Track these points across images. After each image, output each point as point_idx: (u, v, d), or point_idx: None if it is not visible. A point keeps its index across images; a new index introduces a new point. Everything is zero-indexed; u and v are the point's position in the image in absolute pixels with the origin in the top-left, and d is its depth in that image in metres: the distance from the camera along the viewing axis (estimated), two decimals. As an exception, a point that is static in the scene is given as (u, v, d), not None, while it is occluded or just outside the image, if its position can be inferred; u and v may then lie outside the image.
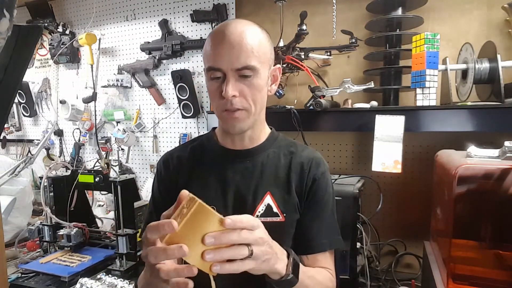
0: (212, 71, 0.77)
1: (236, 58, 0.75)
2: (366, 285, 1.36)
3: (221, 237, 0.57)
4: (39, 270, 1.52)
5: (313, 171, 0.87)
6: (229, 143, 0.90)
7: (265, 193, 0.84)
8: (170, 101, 2.07)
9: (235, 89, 0.76)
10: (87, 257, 1.60)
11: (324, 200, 0.88)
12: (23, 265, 1.57)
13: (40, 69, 2.46)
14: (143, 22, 2.07)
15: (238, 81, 0.77)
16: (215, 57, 0.76)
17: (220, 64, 0.76)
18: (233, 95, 0.76)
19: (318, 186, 0.87)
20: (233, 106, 0.77)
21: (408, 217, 1.58)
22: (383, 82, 1.50)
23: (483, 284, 0.90)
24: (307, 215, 0.87)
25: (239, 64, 0.75)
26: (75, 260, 1.56)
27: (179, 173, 0.90)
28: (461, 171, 0.87)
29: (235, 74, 0.76)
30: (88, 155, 2.36)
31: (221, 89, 0.77)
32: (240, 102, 0.78)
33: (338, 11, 1.54)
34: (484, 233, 0.95)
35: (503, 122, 1.15)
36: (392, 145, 1.25)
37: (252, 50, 0.76)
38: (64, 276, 1.43)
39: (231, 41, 0.75)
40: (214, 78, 0.78)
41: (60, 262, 1.56)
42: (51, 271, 1.49)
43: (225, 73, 0.76)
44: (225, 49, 0.75)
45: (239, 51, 0.75)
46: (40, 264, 1.55)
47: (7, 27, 0.70)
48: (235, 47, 0.75)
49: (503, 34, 1.40)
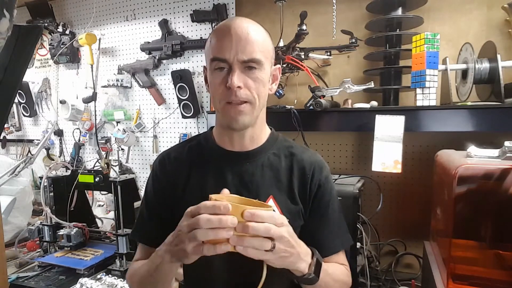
0: (217, 61, 0.76)
1: (242, 50, 0.74)
2: (366, 285, 1.36)
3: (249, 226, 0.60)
4: (55, 263, 1.59)
5: (317, 177, 0.86)
6: (227, 144, 0.87)
7: (268, 197, 0.83)
8: (170, 101, 2.07)
9: (240, 80, 0.75)
10: (100, 251, 1.67)
11: (331, 202, 0.87)
12: (40, 259, 1.64)
13: (40, 69, 2.46)
14: (143, 22, 2.07)
15: (243, 73, 0.76)
16: (221, 48, 0.75)
17: (226, 55, 0.75)
18: (238, 85, 0.75)
19: (324, 191, 0.86)
20: (238, 97, 0.76)
21: (408, 217, 1.58)
22: (383, 82, 1.50)
23: (483, 284, 0.90)
24: (315, 219, 0.86)
25: (245, 56, 0.74)
26: (88, 254, 1.64)
27: (176, 175, 0.88)
28: (461, 171, 0.87)
29: (240, 66, 0.75)
30: (88, 155, 2.36)
31: (226, 80, 0.75)
32: (245, 93, 0.76)
33: (338, 11, 1.54)
34: (484, 233, 0.95)
35: (503, 122, 1.14)
36: (392, 145, 1.25)
37: (258, 44, 0.76)
38: (79, 268, 1.52)
39: (238, 33, 0.75)
40: (217, 69, 0.77)
41: (75, 256, 1.64)
42: (67, 264, 1.57)
43: (230, 64, 0.75)
44: (232, 41, 0.74)
45: (246, 43, 0.75)
46: (55, 258, 1.62)
47: (7, 27, 0.70)
48: (242, 39, 0.75)
49: (503, 34, 1.40)
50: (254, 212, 0.61)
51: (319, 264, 0.73)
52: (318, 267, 0.72)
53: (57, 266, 1.59)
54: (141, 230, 0.91)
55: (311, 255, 0.72)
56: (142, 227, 0.91)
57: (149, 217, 0.90)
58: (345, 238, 0.89)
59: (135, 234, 0.94)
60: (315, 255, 0.73)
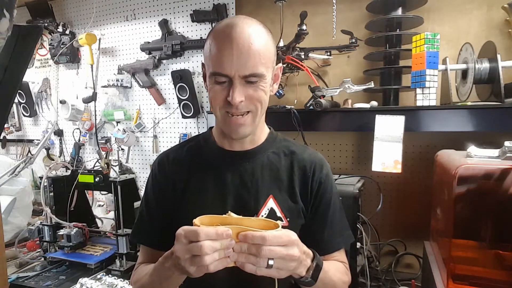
0: (217, 76, 0.75)
1: (243, 65, 0.72)
2: (366, 285, 1.36)
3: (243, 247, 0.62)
4: (66, 258, 1.62)
5: (318, 174, 0.86)
6: (227, 144, 0.87)
7: (267, 197, 0.82)
8: (170, 101, 2.07)
9: (242, 95, 0.74)
10: (109, 246, 1.70)
11: (332, 200, 0.87)
12: (51, 254, 1.68)
13: (40, 69, 2.46)
14: (143, 22, 2.07)
15: (244, 87, 0.75)
16: (221, 62, 0.73)
17: (227, 70, 0.73)
18: (240, 100, 0.74)
19: (325, 188, 0.86)
20: (239, 110, 0.76)
21: (408, 217, 1.58)
22: (383, 82, 1.50)
23: (483, 284, 0.90)
24: (317, 218, 0.86)
25: (247, 71, 0.73)
26: (98, 250, 1.67)
27: (175, 176, 0.87)
28: (461, 171, 0.87)
29: (241, 80, 0.74)
30: (88, 155, 2.36)
31: (226, 93, 0.75)
32: (246, 106, 0.76)
33: (338, 11, 1.54)
34: (484, 233, 0.96)
35: (503, 122, 1.14)
36: (392, 145, 1.25)
37: (260, 57, 0.73)
38: (90, 263, 1.55)
39: (239, 47, 0.72)
40: (218, 83, 0.76)
41: (85, 251, 1.67)
42: (78, 259, 1.60)
43: (231, 79, 0.74)
44: (233, 55, 0.72)
45: (247, 58, 0.72)
46: (66, 254, 1.65)
47: (7, 27, 0.70)
48: (243, 53, 0.72)
49: (503, 34, 1.40)
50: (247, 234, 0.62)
51: (318, 268, 0.72)
52: (317, 271, 0.71)
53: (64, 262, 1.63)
54: (142, 232, 0.90)
55: (311, 258, 0.71)
56: (142, 228, 0.90)
57: (149, 218, 0.89)
58: (346, 236, 0.89)
59: (135, 237, 0.93)
60: (315, 259, 0.71)
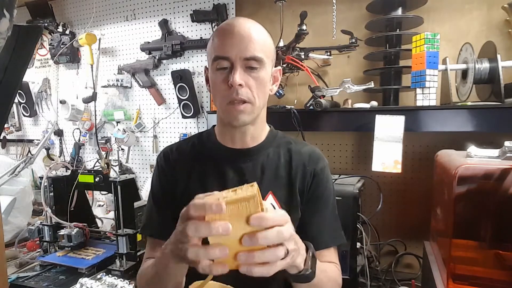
0: (219, 60, 0.78)
1: (245, 47, 0.76)
2: (366, 285, 1.36)
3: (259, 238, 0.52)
4: (57, 262, 1.59)
5: (312, 166, 0.87)
6: (229, 142, 0.88)
7: (267, 193, 0.84)
8: (170, 101, 2.07)
9: (242, 79, 0.77)
10: (101, 250, 1.66)
11: (325, 196, 0.88)
12: (42, 258, 1.64)
13: (40, 69, 2.46)
14: (143, 22, 2.07)
15: (245, 72, 0.78)
16: (224, 46, 0.77)
17: (228, 53, 0.76)
18: (240, 83, 0.76)
19: (319, 181, 0.87)
20: (239, 96, 0.77)
21: (408, 217, 1.58)
22: (383, 82, 1.50)
23: (483, 284, 0.90)
24: (308, 211, 0.86)
25: (248, 53, 0.76)
26: (90, 254, 1.63)
27: (179, 168, 0.89)
28: (461, 171, 0.87)
29: (242, 64, 0.77)
30: (88, 155, 2.36)
31: (228, 79, 0.77)
32: (246, 93, 0.78)
33: (338, 11, 1.54)
34: (484, 233, 0.95)
35: (503, 122, 1.14)
36: (392, 145, 1.25)
37: (260, 43, 0.78)
38: (81, 267, 1.51)
39: (241, 32, 0.77)
40: (220, 69, 0.78)
41: (76, 255, 1.63)
42: (69, 263, 1.56)
43: (232, 63, 0.77)
44: (234, 39, 0.76)
45: (248, 41, 0.76)
46: (57, 257, 1.62)
47: (7, 27, 0.70)
48: (245, 37, 0.76)
49: (503, 34, 1.40)
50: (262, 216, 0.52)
51: (314, 258, 0.69)
52: (313, 262, 0.68)
53: (58, 266, 1.59)
54: (152, 224, 0.90)
55: (305, 249, 0.68)
56: (151, 221, 0.91)
57: (158, 211, 0.90)
58: (337, 235, 0.88)
59: (145, 230, 0.92)
60: (310, 249, 0.69)
